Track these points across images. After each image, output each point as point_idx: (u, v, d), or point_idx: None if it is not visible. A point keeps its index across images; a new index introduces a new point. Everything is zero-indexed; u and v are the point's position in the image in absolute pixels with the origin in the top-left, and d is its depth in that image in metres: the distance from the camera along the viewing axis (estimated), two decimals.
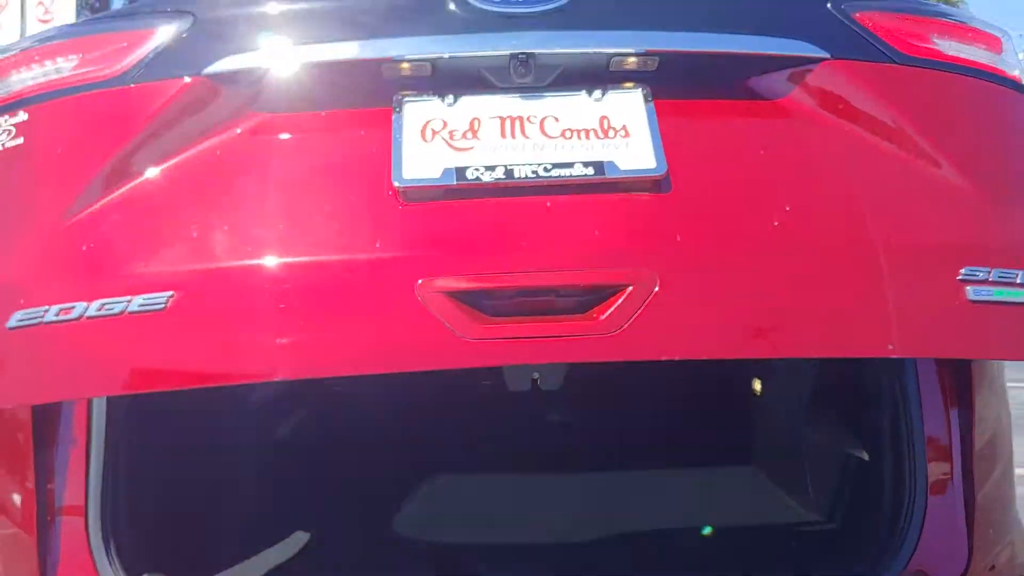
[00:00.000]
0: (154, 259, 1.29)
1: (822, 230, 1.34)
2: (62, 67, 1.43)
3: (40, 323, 1.26)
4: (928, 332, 1.35)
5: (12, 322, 1.26)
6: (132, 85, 1.38)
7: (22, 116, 1.40)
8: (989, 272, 1.33)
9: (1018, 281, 1.34)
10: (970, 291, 1.32)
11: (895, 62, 1.47)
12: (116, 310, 1.24)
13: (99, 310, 1.25)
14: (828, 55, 1.44)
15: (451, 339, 1.24)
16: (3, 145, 1.39)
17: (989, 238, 1.37)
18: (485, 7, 1.38)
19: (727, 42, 1.42)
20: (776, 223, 1.31)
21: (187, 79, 1.38)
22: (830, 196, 1.37)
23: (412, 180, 1.29)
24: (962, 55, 1.52)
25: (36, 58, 1.45)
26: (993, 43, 1.57)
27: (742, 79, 1.44)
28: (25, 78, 1.44)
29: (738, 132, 1.41)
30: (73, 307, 1.25)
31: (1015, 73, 1.56)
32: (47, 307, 1.26)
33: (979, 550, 1.67)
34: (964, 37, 1.54)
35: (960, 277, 1.32)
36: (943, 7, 1.64)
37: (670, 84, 1.40)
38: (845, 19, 1.49)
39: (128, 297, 1.25)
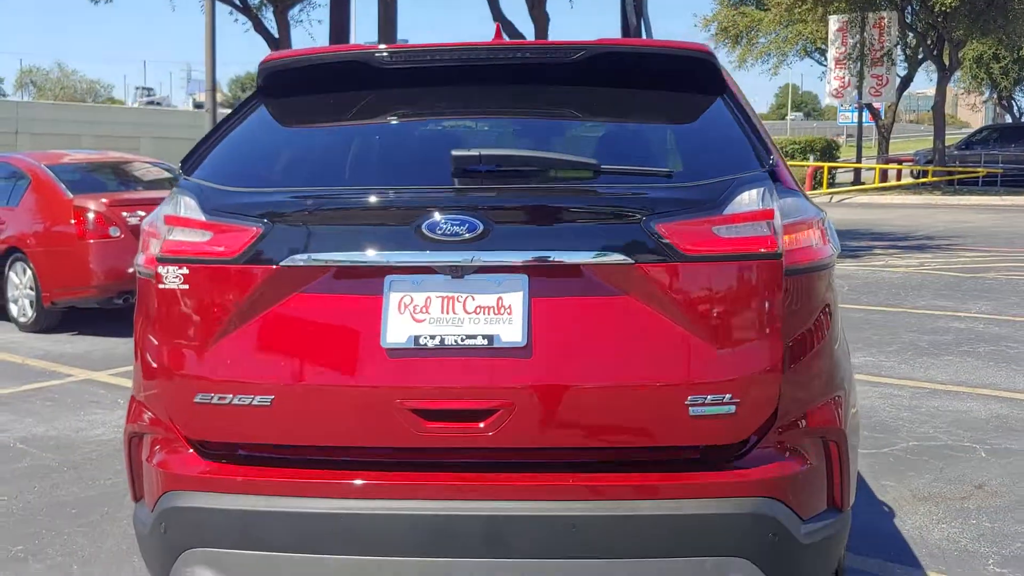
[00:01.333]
0: (263, 375, 2.47)
1: (612, 376, 2.37)
2: (205, 235, 2.50)
3: (210, 403, 2.49)
4: (670, 433, 2.41)
5: (197, 399, 2.50)
6: (242, 265, 2.47)
7: (185, 270, 2.52)
8: (706, 399, 2.37)
9: (724, 401, 2.39)
10: (691, 410, 2.38)
11: (675, 260, 2.35)
12: (247, 402, 2.46)
13: (239, 401, 2.47)
14: (632, 261, 2.35)
15: (408, 432, 2.42)
16: (176, 287, 2.53)
17: (712, 377, 2.37)
18: (436, 236, 2.37)
19: (568, 256, 2.36)
20: (583, 371, 2.36)
21: (273, 267, 2.44)
22: (622, 355, 2.36)
23: (391, 344, 2.39)
24: (732, 235, 2.37)
25: (186, 225, 2.54)
26: (766, 215, 2.43)
27: (583, 277, 2.38)
28: (185, 236, 2.54)
29: (576, 311, 2.38)
30: (225, 397, 2.48)
31: (770, 235, 2.39)
32: (212, 394, 2.49)
33: (783, 413, 2.45)
34: (738, 220, 2.39)
35: (687, 402, 2.38)
36: (739, 186, 2.43)
37: (542, 277, 2.39)
38: (650, 232, 2.35)
39: (253, 396, 2.46)
